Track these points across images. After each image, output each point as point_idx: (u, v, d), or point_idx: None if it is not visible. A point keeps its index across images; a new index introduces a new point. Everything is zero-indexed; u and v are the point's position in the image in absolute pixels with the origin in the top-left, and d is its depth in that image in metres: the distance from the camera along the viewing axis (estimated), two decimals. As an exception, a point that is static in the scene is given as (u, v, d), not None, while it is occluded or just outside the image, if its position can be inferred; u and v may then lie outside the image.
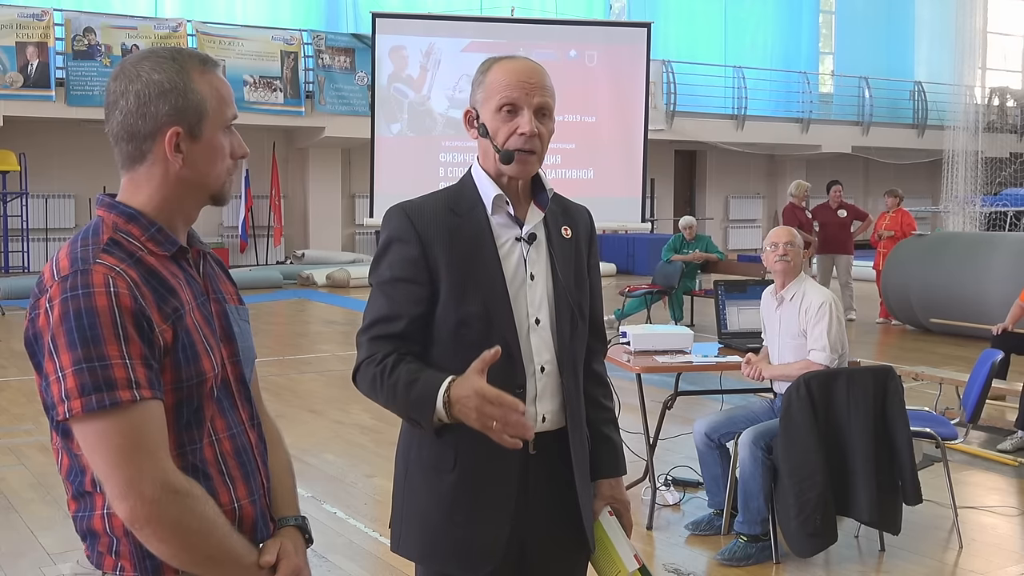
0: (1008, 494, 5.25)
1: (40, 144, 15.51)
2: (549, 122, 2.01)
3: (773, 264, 4.43)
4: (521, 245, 2.01)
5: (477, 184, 2.04)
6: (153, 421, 1.46)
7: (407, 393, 1.89)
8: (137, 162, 1.57)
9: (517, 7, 14.51)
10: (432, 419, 1.86)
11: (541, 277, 2.01)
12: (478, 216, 2.00)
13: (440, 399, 1.83)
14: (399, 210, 2.01)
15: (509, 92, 1.96)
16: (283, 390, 7.61)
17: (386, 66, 11.93)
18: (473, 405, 1.78)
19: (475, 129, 2.02)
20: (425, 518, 2.00)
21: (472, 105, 2.04)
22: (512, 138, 1.96)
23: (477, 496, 1.96)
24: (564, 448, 2.02)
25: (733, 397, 5.35)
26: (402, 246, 1.97)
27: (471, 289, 1.95)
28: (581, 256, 2.10)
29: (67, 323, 1.42)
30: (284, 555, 1.62)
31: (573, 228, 2.10)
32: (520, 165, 1.97)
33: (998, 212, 18.73)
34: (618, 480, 2.17)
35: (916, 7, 24.51)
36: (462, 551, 1.98)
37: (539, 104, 1.97)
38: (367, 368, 1.95)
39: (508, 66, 1.99)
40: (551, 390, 2.01)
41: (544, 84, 1.99)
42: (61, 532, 4.42)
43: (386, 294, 1.98)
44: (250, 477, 1.63)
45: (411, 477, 2.04)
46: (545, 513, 2.02)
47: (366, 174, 12.56)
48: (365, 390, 1.99)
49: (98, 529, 1.53)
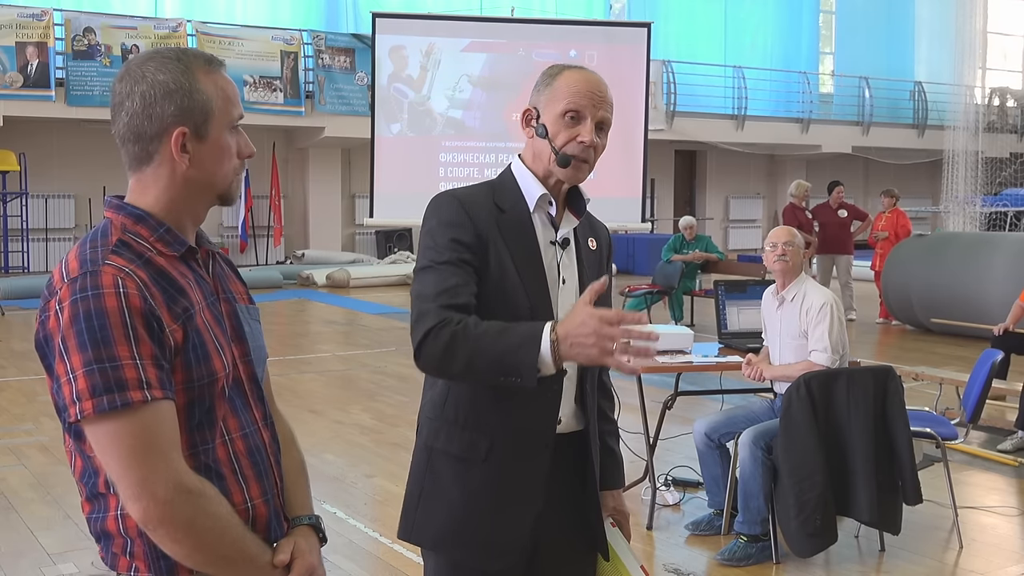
0: (1008, 494, 5.25)
1: (40, 144, 15.52)
2: (605, 137, 2.04)
3: (772, 264, 4.44)
4: (555, 248, 2.03)
5: (519, 181, 2.05)
6: (165, 421, 1.46)
7: (500, 340, 1.78)
8: (144, 163, 1.57)
9: (517, 7, 14.50)
10: (535, 362, 1.74)
11: (572, 282, 2.04)
12: (522, 213, 2.01)
13: (547, 337, 1.73)
14: (451, 196, 2.00)
15: (577, 99, 1.98)
16: (283, 390, 7.61)
17: (386, 66, 11.94)
18: (592, 328, 1.69)
19: (532, 128, 2.04)
20: (450, 506, 2.00)
21: (534, 105, 2.04)
22: (571, 144, 1.98)
23: (506, 489, 1.97)
24: (577, 452, 2.05)
25: (733, 397, 5.35)
26: (457, 230, 1.94)
27: (518, 285, 1.95)
28: (603, 269, 2.13)
29: (77, 325, 1.42)
30: (298, 554, 1.63)
31: (597, 241, 2.14)
32: (574, 171, 1.99)
33: (998, 212, 18.74)
34: (619, 492, 2.22)
35: (916, 7, 24.51)
36: (485, 541, 1.98)
37: (602, 118, 2.00)
38: (442, 329, 1.82)
39: (579, 75, 2.02)
40: (569, 394, 2.03)
41: (609, 100, 2.02)
42: (61, 532, 4.42)
43: (448, 270, 1.90)
44: (263, 476, 1.63)
45: (435, 466, 2.02)
46: (561, 515, 2.04)
47: (366, 174, 12.56)
48: (438, 351, 1.82)
49: (112, 530, 1.53)
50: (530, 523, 1.98)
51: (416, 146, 11.95)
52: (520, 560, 1.99)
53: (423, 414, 2.08)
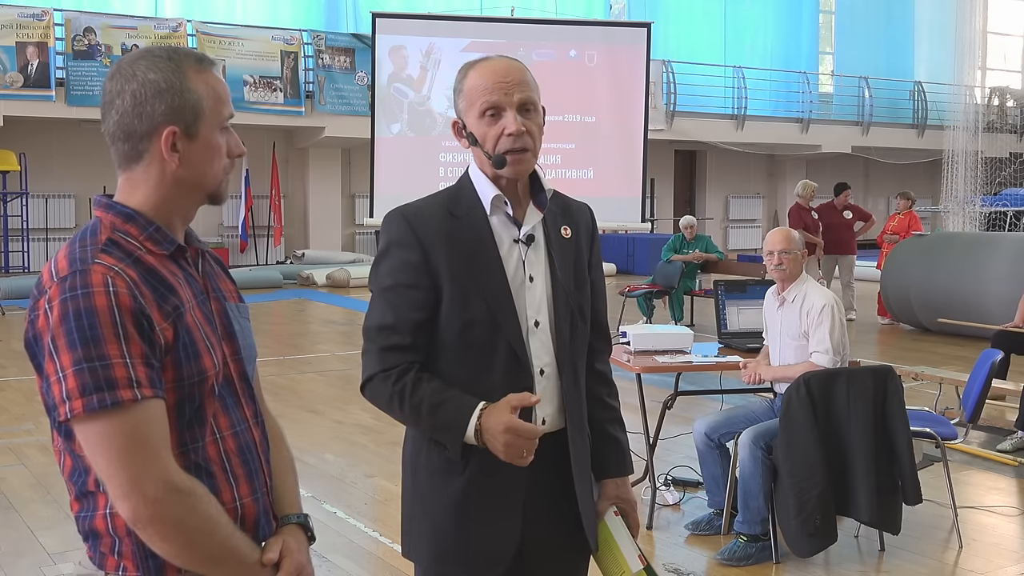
0: (1008, 494, 5.25)
1: (40, 144, 15.52)
2: (536, 116, 1.97)
3: (771, 272, 4.45)
4: (519, 247, 1.99)
5: (475, 185, 2.01)
6: (155, 420, 1.46)
7: (433, 416, 1.91)
8: (134, 162, 1.57)
9: (517, 7, 14.51)
10: (459, 446, 1.90)
11: (540, 279, 2.00)
12: (477, 218, 1.98)
13: (472, 428, 1.87)
14: (398, 214, 1.99)
15: (488, 95, 1.92)
16: (283, 390, 7.61)
17: (386, 66, 11.94)
18: (502, 442, 1.84)
19: (465, 139, 1.99)
20: (435, 522, 2.00)
21: (458, 115, 2.00)
22: (501, 140, 1.93)
23: (487, 500, 1.96)
24: (563, 450, 2.01)
25: (733, 397, 5.34)
26: (402, 251, 1.95)
27: (474, 292, 1.93)
28: (582, 256, 2.07)
29: (67, 323, 1.42)
30: (287, 553, 1.62)
31: (573, 227, 2.07)
32: (514, 166, 1.94)
33: (998, 212, 18.72)
34: (624, 480, 2.15)
35: (916, 7, 24.51)
36: (473, 554, 1.98)
37: (520, 100, 1.93)
38: (382, 384, 1.94)
39: (482, 69, 1.95)
40: (550, 393, 2.00)
41: (522, 79, 1.94)
42: (61, 532, 4.42)
43: (388, 300, 1.96)
44: (253, 475, 1.63)
45: (419, 481, 2.03)
46: (547, 515, 2.01)
47: (366, 174, 12.56)
48: (380, 405, 1.98)
49: (100, 529, 1.52)
50: (516, 531, 1.97)
51: (416, 146, 11.95)
52: (510, 567, 1.98)
53: (406, 430, 2.07)
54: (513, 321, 1.94)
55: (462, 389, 1.92)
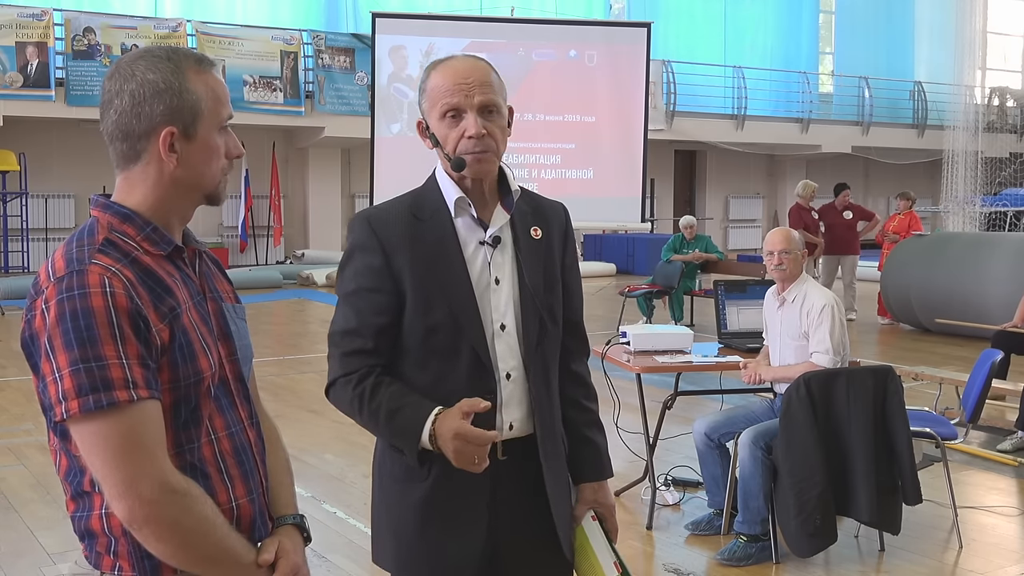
0: (1008, 494, 5.25)
1: (40, 144, 15.52)
2: (499, 118, 1.94)
3: (771, 273, 4.44)
4: (485, 249, 1.96)
5: (440, 187, 1.98)
6: (151, 421, 1.45)
7: (390, 422, 1.90)
8: (132, 162, 1.57)
9: (517, 7, 14.51)
10: (416, 449, 1.88)
11: (506, 281, 1.96)
12: (442, 220, 1.95)
13: (426, 433, 1.85)
14: (361, 218, 1.97)
15: (448, 97, 1.90)
16: (283, 390, 7.61)
17: (386, 66, 11.95)
18: (453, 448, 1.82)
19: (428, 140, 1.98)
20: (398, 530, 1.99)
21: (422, 115, 1.99)
22: (462, 142, 1.90)
23: (450, 506, 1.94)
24: (535, 454, 1.97)
25: (733, 397, 5.34)
26: (365, 255, 1.94)
27: (437, 296, 1.91)
28: (553, 257, 2.03)
29: (63, 324, 1.42)
30: (282, 553, 1.62)
31: (545, 228, 2.03)
32: (475, 166, 1.91)
33: (998, 212, 18.72)
34: (601, 484, 2.10)
35: (916, 7, 24.50)
36: (436, 562, 1.95)
37: (481, 103, 1.90)
38: (343, 388, 1.94)
39: (445, 71, 1.93)
40: (518, 397, 1.96)
41: (484, 80, 1.91)
42: (61, 532, 4.42)
43: (352, 305, 1.95)
44: (249, 476, 1.63)
45: (384, 489, 2.02)
46: (518, 521, 1.98)
47: (366, 174, 12.56)
48: (342, 408, 1.97)
49: (96, 529, 1.53)
50: (480, 537, 1.94)
51: (416, 146, 11.70)
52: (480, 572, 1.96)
53: (376, 440, 2.06)
54: (477, 325, 1.92)
55: (425, 394, 1.90)
